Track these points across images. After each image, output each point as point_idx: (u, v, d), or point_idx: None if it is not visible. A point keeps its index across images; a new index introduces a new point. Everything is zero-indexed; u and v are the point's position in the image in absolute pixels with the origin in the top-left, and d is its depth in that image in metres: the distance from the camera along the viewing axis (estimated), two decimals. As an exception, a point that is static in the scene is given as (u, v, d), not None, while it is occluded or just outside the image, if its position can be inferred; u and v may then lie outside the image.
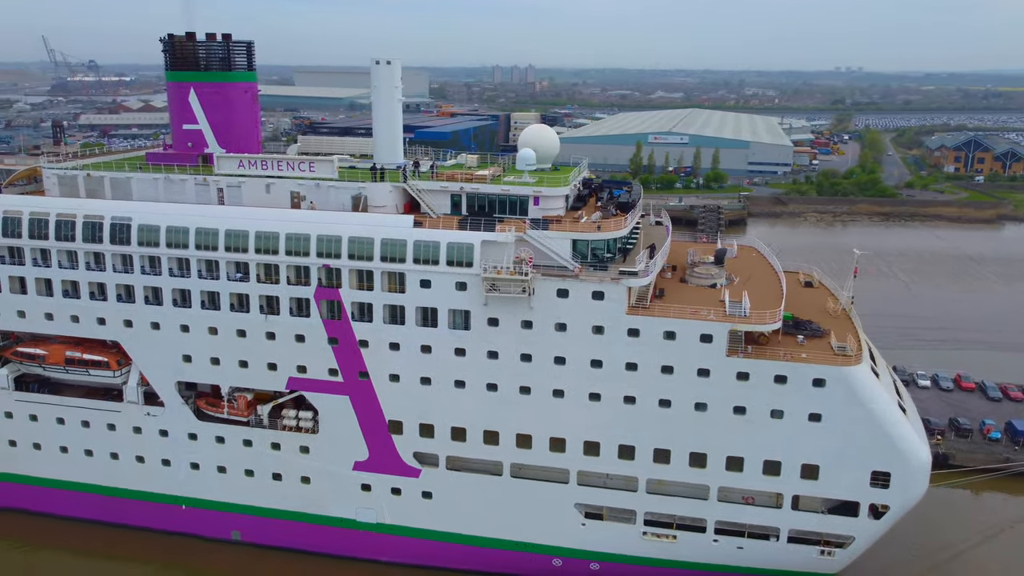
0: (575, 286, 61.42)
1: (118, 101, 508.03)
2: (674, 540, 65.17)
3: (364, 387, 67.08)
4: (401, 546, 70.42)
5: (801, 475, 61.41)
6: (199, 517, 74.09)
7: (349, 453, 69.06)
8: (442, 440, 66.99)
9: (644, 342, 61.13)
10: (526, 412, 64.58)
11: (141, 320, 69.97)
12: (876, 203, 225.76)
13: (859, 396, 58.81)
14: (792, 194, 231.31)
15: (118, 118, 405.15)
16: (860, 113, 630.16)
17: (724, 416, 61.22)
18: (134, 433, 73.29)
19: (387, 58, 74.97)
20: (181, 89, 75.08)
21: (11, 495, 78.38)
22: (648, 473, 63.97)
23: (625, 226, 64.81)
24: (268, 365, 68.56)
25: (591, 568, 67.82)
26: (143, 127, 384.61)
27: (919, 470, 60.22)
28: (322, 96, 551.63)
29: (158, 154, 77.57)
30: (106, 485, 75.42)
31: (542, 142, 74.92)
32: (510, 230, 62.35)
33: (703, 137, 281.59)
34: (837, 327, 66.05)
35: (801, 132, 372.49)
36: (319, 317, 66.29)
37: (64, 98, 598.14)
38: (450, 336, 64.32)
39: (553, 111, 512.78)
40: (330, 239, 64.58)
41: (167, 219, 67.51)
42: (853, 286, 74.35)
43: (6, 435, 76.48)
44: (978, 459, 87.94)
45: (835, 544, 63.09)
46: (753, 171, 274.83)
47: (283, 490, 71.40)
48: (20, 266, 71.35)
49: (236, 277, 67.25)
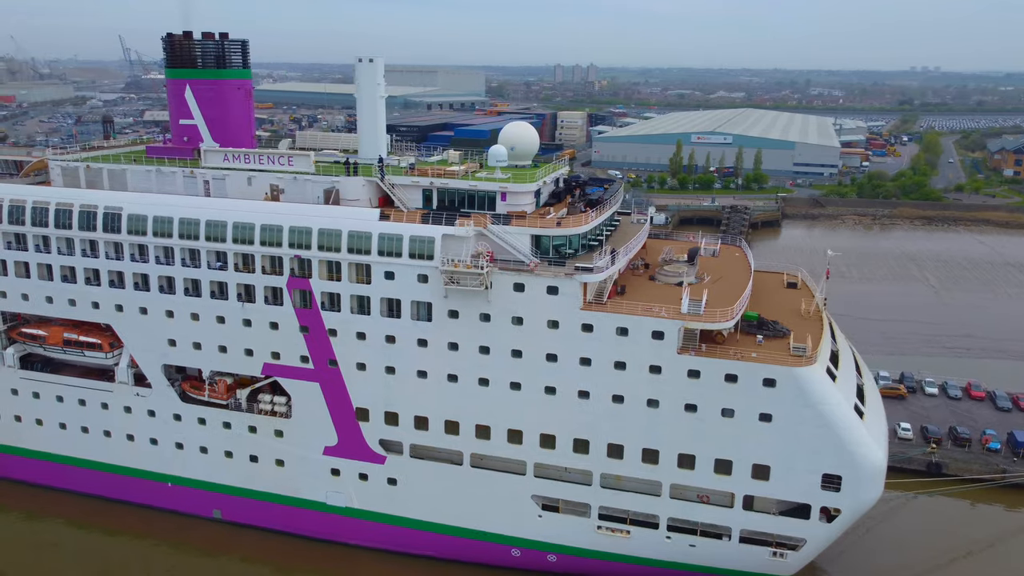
0: (531, 281, 62.37)
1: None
2: (628, 535, 65.55)
3: (333, 374, 69.32)
4: (368, 530, 72.49)
5: (752, 475, 61.15)
6: (183, 495, 77.54)
7: (319, 438, 71.42)
8: (406, 428, 68.77)
9: (597, 337, 61.70)
10: (485, 403, 65.82)
11: (131, 305, 73.62)
12: (919, 206, 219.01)
13: (810, 397, 58.28)
14: (831, 196, 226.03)
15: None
16: (928, 114, 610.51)
17: (676, 413, 61.38)
18: (125, 412, 77.14)
19: (373, 56, 76.85)
20: (178, 86, 78.50)
21: (17, 467, 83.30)
22: (602, 467, 64.52)
23: (587, 223, 65.38)
24: (245, 351, 71.38)
25: (548, 560, 68.67)
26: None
27: (871, 475, 59.32)
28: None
29: (157, 147, 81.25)
30: (100, 461, 79.53)
31: (521, 140, 76.10)
32: (470, 224, 63.69)
33: (747, 137, 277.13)
34: (805, 328, 65.34)
35: (854, 133, 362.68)
36: (291, 306, 68.77)
37: (136, 95, 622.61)
38: (413, 327, 66.00)
39: (608, 110, 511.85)
40: (301, 231, 66.92)
41: (154, 209, 70.85)
42: (826, 287, 73.28)
43: (12, 411, 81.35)
44: (973, 469, 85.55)
45: (787, 546, 62.60)
46: (798, 172, 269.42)
47: (259, 472, 74.22)
48: (24, 251, 75.77)
49: (216, 266, 70.20)
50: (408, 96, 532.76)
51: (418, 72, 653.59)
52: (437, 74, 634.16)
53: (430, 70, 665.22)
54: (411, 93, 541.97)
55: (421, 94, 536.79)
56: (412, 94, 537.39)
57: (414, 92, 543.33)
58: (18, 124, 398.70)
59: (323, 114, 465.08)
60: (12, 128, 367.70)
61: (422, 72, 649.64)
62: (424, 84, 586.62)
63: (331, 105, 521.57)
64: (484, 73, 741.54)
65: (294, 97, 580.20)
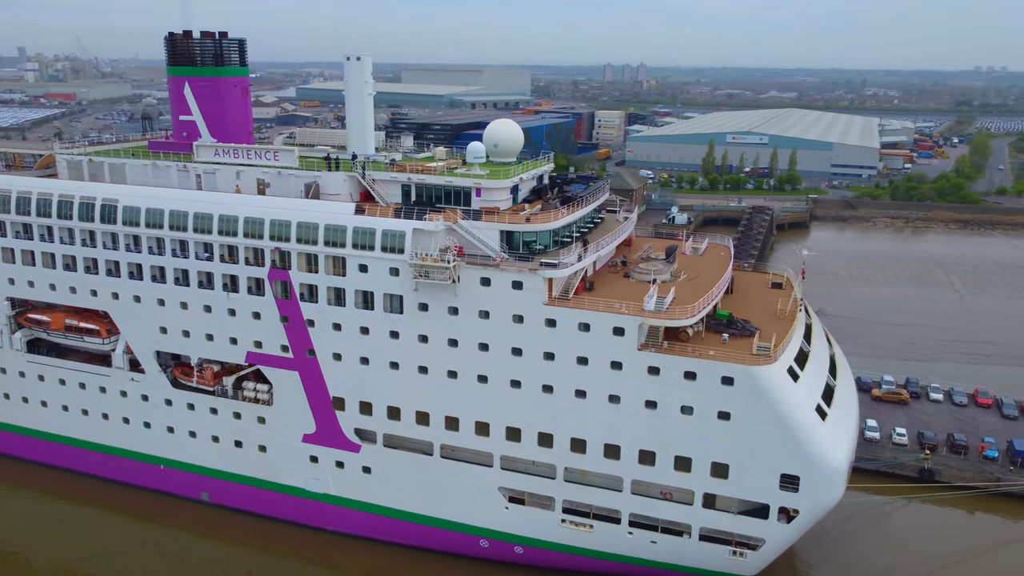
0: (497, 275, 63.34)
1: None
2: (591, 530, 66.08)
3: (311, 364, 71.31)
4: (344, 516, 74.35)
5: (711, 473, 61.14)
6: (174, 477, 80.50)
7: (299, 426, 73.50)
8: (379, 418, 70.38)
9: (560, 333, 62.38)
10: (453, 395, 67.01)
11: (126, 293, 76.74)
12: (955, 209, 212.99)
13: (767, 397, 58.06)
14: (864, 198, 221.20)
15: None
16: (987, 115, 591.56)
17: (636, 409, 61.69)
18: (121, 396, 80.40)
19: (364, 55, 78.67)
20: (178, 83, 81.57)
21: (23, 446, 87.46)
22: (565, 462, 65.14)
23: (556, 219, 66.01)
24: (230, 339, 73.84)
25: (516, 552, 69.55)
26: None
27: (830, 476, 58.85)
28: (424, 93, 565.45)
29: (159, 142, 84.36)
30: (98, 442, 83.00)
31: (505, 137, 76.85)
32: (439, 219, 64.96)
33: (783, 138, 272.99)
34: (777, 328, 64.99)
35: (899, 134, 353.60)
36: (272, 296, 70.96)
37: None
38: (385, 319, 67.56)
39: (651, 110, 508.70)
40: (282, 223, 69.01)
41: (147, 202, 73.75)
42: (803, 287, 72.60)
43: (19, 392, 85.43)
44: (967, 476, 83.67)
45: (746, 545, 62.44)
46: (835, 174, 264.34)
47: (244, 457, 76.68)
48: (30, 240, 79.56)
49: (204, 257, 72.76)
50: (453, 95, 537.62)
51: (464, 72, 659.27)
52: (483, 73, 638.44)
53: (476, 69, 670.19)
54: (456, 92, 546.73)
55: (465, 93, 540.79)
56: (457, 93, 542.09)
57: (459, 91, 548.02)
58: (75, 121, 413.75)
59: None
60: (68, 124, 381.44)
61: (467, 71, 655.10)
62: (471, 83, 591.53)
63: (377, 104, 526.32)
64: (530, 72, 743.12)
65: (340, 96, 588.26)
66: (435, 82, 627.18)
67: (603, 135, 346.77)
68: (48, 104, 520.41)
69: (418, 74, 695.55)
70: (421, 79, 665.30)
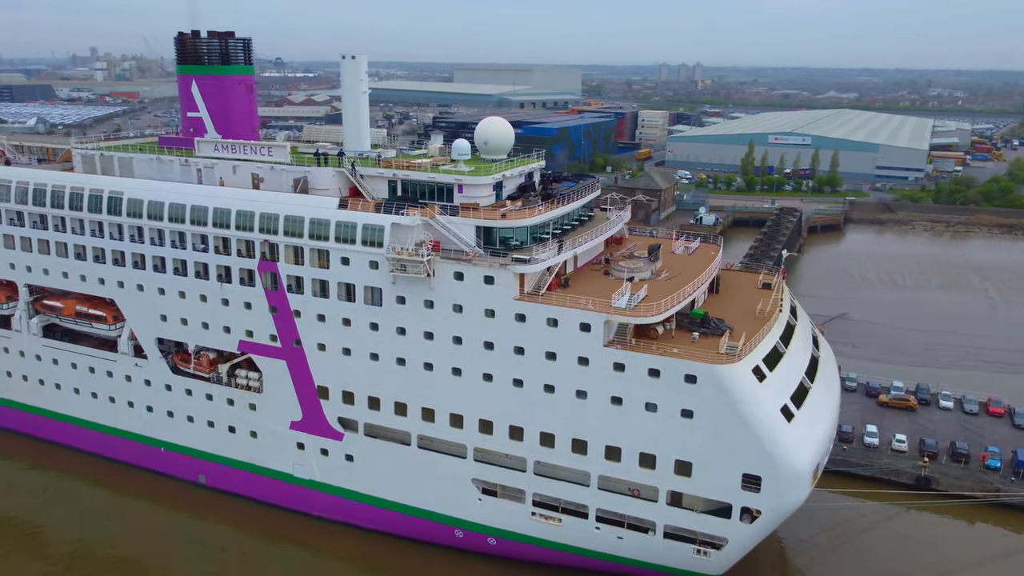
0: (469, 270, 64.47)
1: (288, 95, 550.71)
2: (560, 523, 66.71)
3: (298, 354, 73.52)
4: (328, 502, 76.40)
5: (675, 471, 61.20)
6: (173, 459, 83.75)
7: (286, 413, 75.82)
8: (361, 408, 72.17)
9: (530, 328, 63.19)
10: (429, 387, 68.37)
11: (130, 282, 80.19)
12: (1000, 214, 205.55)
13: (729, 396, 57.95)
14: (904, 201, 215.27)
15: (280, 111, 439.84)
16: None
17: (603, 405, 62.11)
18: (126, 381, 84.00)
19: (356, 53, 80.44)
20: (186, 81, 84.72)
21: (38, 426, 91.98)
22: (535, 455, 65.92)
23: (532, 216, 66.74)
24: (224, 328, 76.57)
25: (489, 543, 70.56)
26: (299, 119, 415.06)
27: (792, 478, 58.39)
28: (473, 92, 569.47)
29: (168, 138, 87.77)
30: (106, 424, 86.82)
31: (495, 135, 77.63)
32: (416, 214, 66.38)
33: (826, 138, 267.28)
34: (752, 328, 64.69)
35: (952, 136, 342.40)
36: (262, 287, 73.40)
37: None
38: (366, 311, 69.32)
39: (700, 109, 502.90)
40: (271, 217, 71.34)
41: (149, 195, 76.98)
42: (782, 287, 71.87)
43: (35, 374, 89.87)
44: (965, 486, 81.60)
45: (710, 544, 62.32)
46: (880, 176, 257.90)
47: (237, 442, 79.38)
48: (45, 230, 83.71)
49: (200, 248, 75.61)
50: (502, 94, 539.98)
51: (514, 71, 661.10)
52: (533, 73, 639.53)
53: (526, 69, 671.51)
54: (505, 91, 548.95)
55: (513, 92, 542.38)
56: (506, 92, 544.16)
57: (508, 90, 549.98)
58: (135, 118, 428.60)
59: (415, 111, 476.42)
60: (128, 121, 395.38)
61: (518, 71, 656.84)
62: (521, 83, 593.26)
63: (427, 103, 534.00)
64: (582, 72, 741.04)
65: (393, 95, 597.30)
66: (486, 81, 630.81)
67: (646, 135, 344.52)
68: (112, 102, 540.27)
69: (470, 74, 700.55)
70: (472, 79, 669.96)
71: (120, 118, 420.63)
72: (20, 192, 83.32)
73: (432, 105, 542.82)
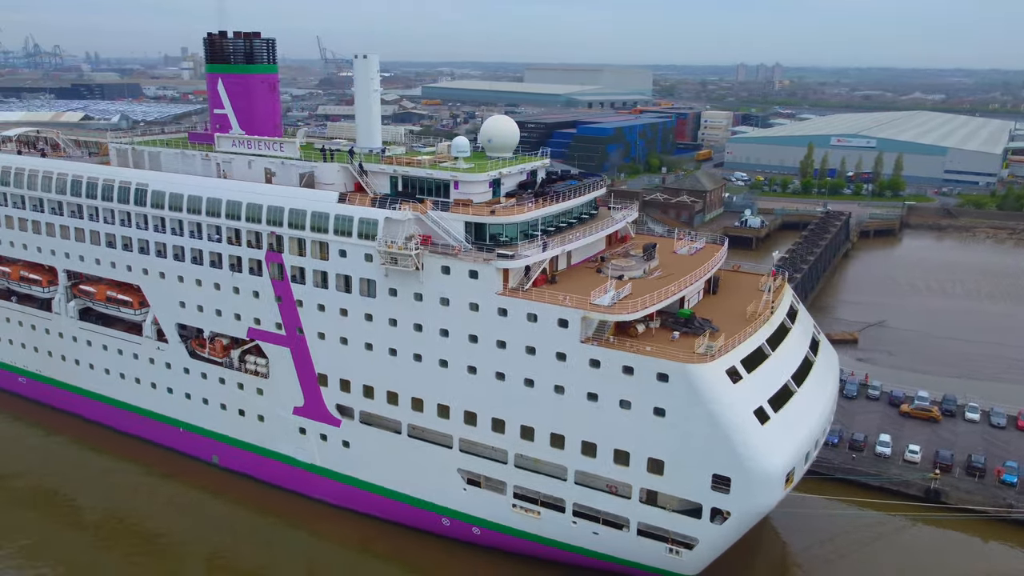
0: (456, 264, 66.08)
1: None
2: (539, 516, 67.61)
3: (300, 341, 76.48)
4: (327, 486, 79.14)
5: (648, 469, 61.38)
6: (190, 439, 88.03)
7: (290, 398, 78.89)
8: (356, 395, 74.60)
9: (511, 322, 64.37)
10: (418, 377, 70.26)
11: (153, 269, 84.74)
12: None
13: (701, 395, 57.88)
14: (967, 206, 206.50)
15: (343, 109, 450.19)
16: None
17: (579, 401, 62.75)
18: (150, 363, 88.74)
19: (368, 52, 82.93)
20: (214, 79, 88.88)
21: (74, 403, 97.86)
22: (516, 448, 66.99)
23: (521, 213, 67.83)
24: (235, 315, 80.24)
25: (473, 532, 71.98)
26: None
27: (762, 480, 57.87)
28: (541, 92, 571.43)
29: (197, 134, 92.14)
30: (131, 404, 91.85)
31: (499, 133, 79.42)
32: (408, 209, 68.34)
33: (892, 141, 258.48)
34: (741, 329, 64.26)
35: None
36: (269, 277, 76.64)
37: (323, 91, 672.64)
38: (361, 302, 71.70)
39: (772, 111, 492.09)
40: (277, 209, 74.48)
41: (171, 187, 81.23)
42: (772, 287, 70.87)
43: (72, 355, 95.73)
44: (976, 500, 78.86)
45: (682, 544, 62.22)
46: (948, 180, 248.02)
47: (246, 424, 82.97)
48: (81, 219, 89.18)
49: (215, 238, 79.40)
50: (571, 94, 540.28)
51: (584, 71, 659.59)
52: (603, 73, 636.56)
53: (596, 69, 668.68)
54: (573, 91, 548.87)
55: (582, 92, 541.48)
56: (574, 92, 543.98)
57: (576, 90, 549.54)
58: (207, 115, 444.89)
59: (483, 110, 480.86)
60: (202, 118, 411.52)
61: (588, 71, 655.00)
62: (590, 83, 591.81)
63: (495, 102, 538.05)
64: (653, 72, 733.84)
65: (463, 94, 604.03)
66: (556, 81, 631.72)
67: (708, 136, 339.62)
68: (194, 100, 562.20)
69: (540, 74, 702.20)
70: (542, 79, 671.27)
71: (199, 116, 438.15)
72: (60, 183, 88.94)
73: (500, 104, 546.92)
